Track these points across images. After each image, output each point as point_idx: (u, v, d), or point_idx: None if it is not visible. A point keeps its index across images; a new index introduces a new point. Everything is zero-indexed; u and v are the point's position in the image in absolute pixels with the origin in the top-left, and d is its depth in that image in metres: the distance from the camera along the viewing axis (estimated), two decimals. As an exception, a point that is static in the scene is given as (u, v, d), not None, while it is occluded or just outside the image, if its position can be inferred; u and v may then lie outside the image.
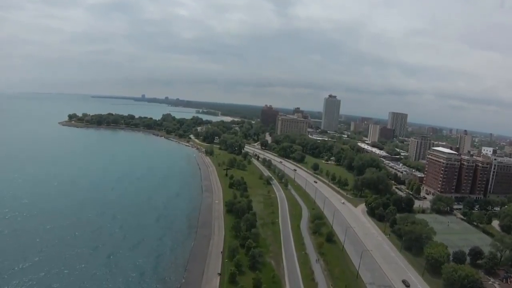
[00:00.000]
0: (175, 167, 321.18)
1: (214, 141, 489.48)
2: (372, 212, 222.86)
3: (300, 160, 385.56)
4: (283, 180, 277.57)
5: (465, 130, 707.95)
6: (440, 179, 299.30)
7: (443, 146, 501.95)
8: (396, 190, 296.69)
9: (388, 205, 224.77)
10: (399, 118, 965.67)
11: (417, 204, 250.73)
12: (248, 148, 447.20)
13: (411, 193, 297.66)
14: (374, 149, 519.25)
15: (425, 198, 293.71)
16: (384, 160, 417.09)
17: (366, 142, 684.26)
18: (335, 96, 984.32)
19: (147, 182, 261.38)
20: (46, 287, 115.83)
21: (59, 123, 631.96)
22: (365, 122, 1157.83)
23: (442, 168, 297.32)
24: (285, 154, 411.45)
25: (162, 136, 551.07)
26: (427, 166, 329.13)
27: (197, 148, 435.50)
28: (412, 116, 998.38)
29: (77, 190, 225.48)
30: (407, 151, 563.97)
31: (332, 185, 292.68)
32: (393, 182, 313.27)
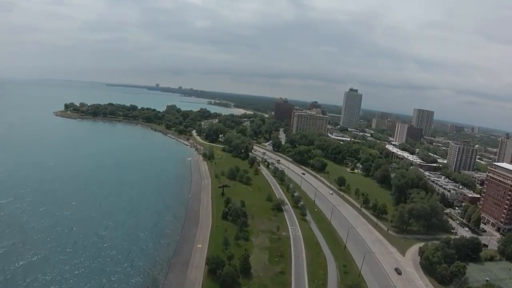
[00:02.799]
0: (159, 179, 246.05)
1: (219, 139, 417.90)
2: (429, 267, 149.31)
3: (321, 169, 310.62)
4: (299, 204, 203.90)
5: (507, 134, 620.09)
6: (506, 206, 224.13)
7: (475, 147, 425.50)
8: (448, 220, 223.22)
9: (452, 258, 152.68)
10: (424, 115, 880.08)
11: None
12: (257, 149, 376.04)
13: (466, 223, 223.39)
14: (405, 154, 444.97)
15: (484, 231, 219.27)
16: (422, 170, 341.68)
17: (393, 143, 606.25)
18: (356, 90, 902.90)
19: (111, 204, 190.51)
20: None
21: (54, 112, 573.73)
22: (388, 119, 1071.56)
23: (510, 193, 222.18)
24: (301, 159, 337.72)
25: (160, 131, 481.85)
26: (486, 187, 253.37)
27: (196, 149, 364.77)
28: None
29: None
30: (442, 156, 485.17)
31: (365, 210, 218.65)
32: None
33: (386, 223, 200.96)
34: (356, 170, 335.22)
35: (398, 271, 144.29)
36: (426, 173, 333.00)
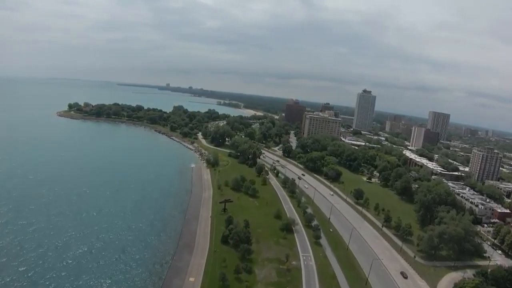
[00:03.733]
0: (155, 191, 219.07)
1: (226, 142, 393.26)
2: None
3: (335, 178, 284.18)
4: (312, 224, 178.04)
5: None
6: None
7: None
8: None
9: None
10: (440, 118, 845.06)
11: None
12: (266, 155, 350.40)
13: (499, 245, 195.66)
14: (423, 160, 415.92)
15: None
16: (445, 180, 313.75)
17: (409, 148, 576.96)
18: (369, 91, 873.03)
19: (93, 222, 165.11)
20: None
21: (57, 112, 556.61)
22: (402, 122, 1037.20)
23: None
24: (314, 167, 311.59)
25: (164, 133, 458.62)
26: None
27: (201, 153, 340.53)
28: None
29: None
30: (462, 163, 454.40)
31: (386, 230, 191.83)
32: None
33: (411, 247, 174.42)
34: (373, 180, 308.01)
35: (404, 275, 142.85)
36: (450, 184, 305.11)
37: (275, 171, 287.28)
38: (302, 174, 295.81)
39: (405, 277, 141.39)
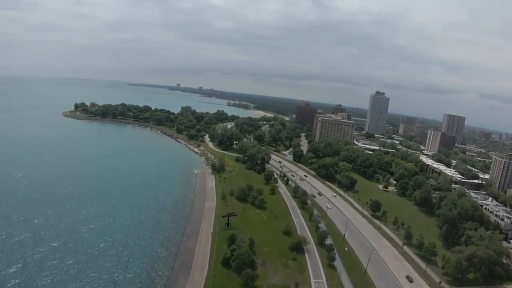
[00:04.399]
0: (152, 201, 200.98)
1: (233, 146, 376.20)
2: None
3: (350, 187, 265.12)
4: (326, 242, 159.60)
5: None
6: None
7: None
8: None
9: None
10: (455, 121, 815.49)
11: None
12: (276, 160, 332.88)
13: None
14: (441, 167, 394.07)
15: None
16: (467, 190, 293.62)
17: (425, 152, 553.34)
18: (383, 93, 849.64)
19: (76, 238, 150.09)
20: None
21: (63, 112, 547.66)
22: (416, 125, 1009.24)
23: None
24: (326, 174, 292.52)
25: (170, 135, 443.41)
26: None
27: (206, 157, 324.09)
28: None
29: None
30: (481, 170, 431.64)
31: (407, 250, 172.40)
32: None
33: (436, 269, 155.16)
34: (389, 188, 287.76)
35: (410, 279, 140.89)
36: (471, 193, 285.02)
37: (285, 178, 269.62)
38: (305, 175, 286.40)
39: (411, 281, 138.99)
